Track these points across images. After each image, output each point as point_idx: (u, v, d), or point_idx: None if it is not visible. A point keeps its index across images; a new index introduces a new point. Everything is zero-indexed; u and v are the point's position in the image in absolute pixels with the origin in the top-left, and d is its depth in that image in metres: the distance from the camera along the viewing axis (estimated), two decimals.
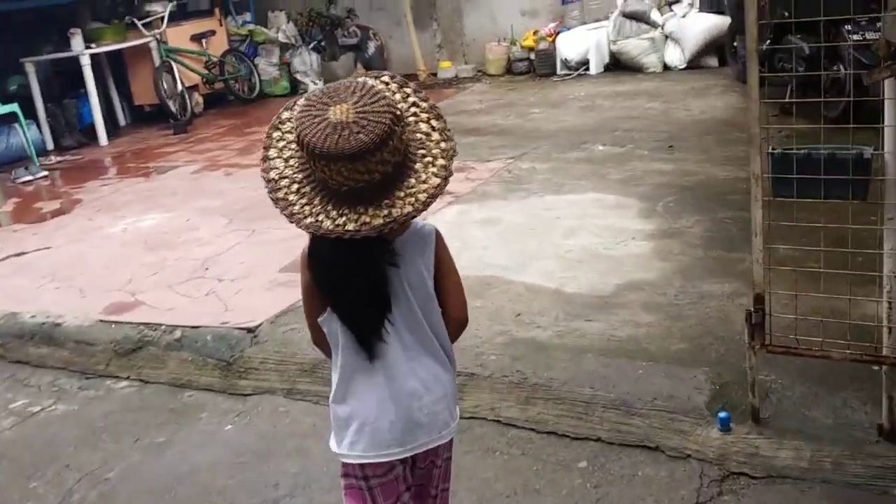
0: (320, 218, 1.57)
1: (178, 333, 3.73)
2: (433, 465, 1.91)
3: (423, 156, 1.62)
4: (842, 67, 5.71)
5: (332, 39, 10.34)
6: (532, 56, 9.44)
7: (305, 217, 1.59)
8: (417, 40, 9.86)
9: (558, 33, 9.26)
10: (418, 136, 1.65)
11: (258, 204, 5.47)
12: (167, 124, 8.86)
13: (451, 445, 1.93)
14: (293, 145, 1.64)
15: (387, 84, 1.69)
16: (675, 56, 8.56)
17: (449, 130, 1.67)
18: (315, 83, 10.19)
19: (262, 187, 1.66)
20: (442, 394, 1.81)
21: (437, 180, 1.61)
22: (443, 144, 1.64)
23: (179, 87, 8.98)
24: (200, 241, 4.96)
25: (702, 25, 8.31)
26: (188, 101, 9.09)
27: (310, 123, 1.54)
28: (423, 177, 1.60)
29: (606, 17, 9.08)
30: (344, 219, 1.56)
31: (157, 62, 9.04)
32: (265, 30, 10.56)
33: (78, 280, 4.56)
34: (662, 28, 8.62)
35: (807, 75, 5.96)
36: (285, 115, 1.71)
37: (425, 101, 1.70)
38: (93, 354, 3.79)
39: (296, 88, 10.46)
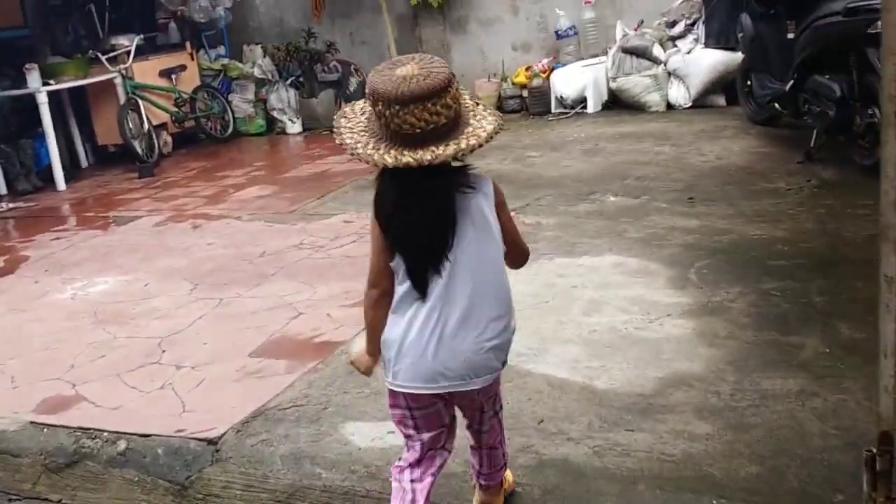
0: (398, 157, 1.83)
1: (122, 444, 3.03)
2: (473, 405, 2.12)
3: (474, 115, 1.95)
4: (877, 111, 5.15)
5: (312, 75, 9.73)
6: (524, 93, 8.87)
7: (385, 156, 1.84)
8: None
9: (553, 69, 8.71)
10: (467, 105, 1.96)
11: (227, 266, 4.80)
12: (133, 166, 8.17)
13: (497, 385, 2.15)
14: (360, 124, 1.94)
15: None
16: (680, 94, 8.02)
17: (479, 104, 2.01)
18: (293, 121, 9.58)
19: (231, 245, 2.22)
20: (495, 338, 1.98)
21: (492, 126, 1.92)
22: (480, 106, 1.99)
23: (146, 126, 8.30)
24: (158, 312, 4.27)
25: (708, 62, 7.78)
26: (156, 141, 8.42)
27: (382, 79, 1.86)
28: (480, 125, 1.92)
29: (604, 53, 8.54)
30: (419, 153, 1.83)
31: (123, 99, 8.38)
32: (240, 64, 9.94)
33: (10, 365, 3.85)
34: (665, 64, 8.09)
35: (836, 119, 5.44)
36: (348, 109, 2.03)
37: (464, 89, 1.98)
38: (19, 469, 3.08)
39: (272, 126, 9.83)
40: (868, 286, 3.93)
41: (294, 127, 9.61)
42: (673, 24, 8.12)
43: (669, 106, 8.09)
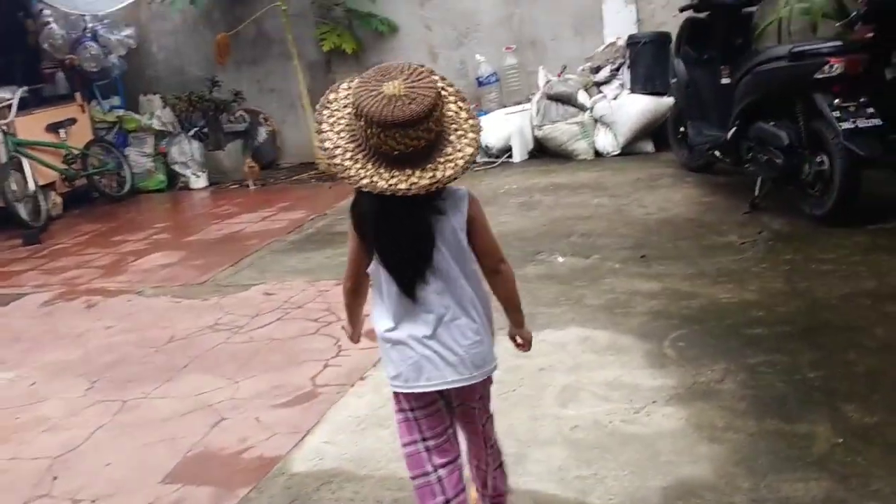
0: (374, 179, 1.84)
1: None
2: (467, 405, 2.17)
3: (455, 129, 1.93)
4: (826, 159, 4.94)
5: (217, 125, 9.08)
6: None
7: (361, 178, 1.85)
8: (315, 125, 8.71)
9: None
10: (449, 113, 1.93)
11: (129, 356, 4.12)
12: (16, 232, 7.31)
13: (486, 388, 2.20)
14: (342, 120, 1.92)
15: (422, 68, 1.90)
16: (608, 142, 7.76)
17: (471, 109, 1.99)
18: (197, 175, 8.88)
19: (133, 328, 2.83)
20: (473, 339, 2.06)
21: (470, 150, 1.92)
22: (470, 121, 1.96)
23: (32, 186, 7.46)
24: (48, 422, 3.55)
25: (636, 108, 7.56)
26: (43, 203, 7.57)
27: (367, 96, 1.82)
28: (458, 146, 1.91)
29: (528, 100, 8.24)
30: (395, 179, 1.84)
31: (4, 158, 7.51)
32: (137, 116, 9.19)
33: None
34: (591, 111, 7.83)
35: (783, 168, 5.20)
36: (332, 95, 1.97)
37: (451, 85, 1.97)
38: None
39: (174, 182, 9.10)
40: (862, 357, 3.62)
41: (198, 182, 8.91)
42: (597, 70, 7.88)
43: (597, 153, 7.81)
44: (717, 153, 5.95)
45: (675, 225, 5.38)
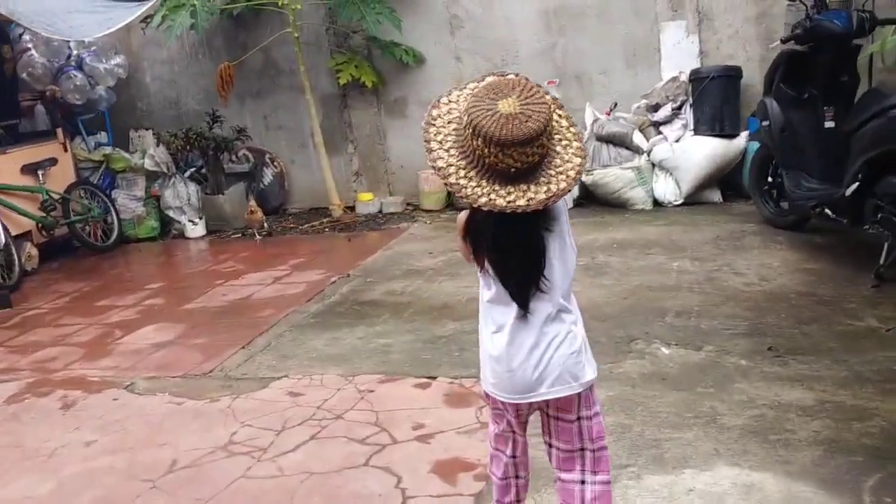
0: (492, 197, 1.85)
1: None
2: (563, 417, 2.12)
3: (560, 139, 1.92)
4: None
5: (217, 166, 8.05)
6: None
7: (479, 197, 1.85)
8: (329, 166, 7.73)
9: None
10: (552, 123, 1.91)
11: (117, 495, 3.05)
12: None
13: (591, 404, 2.14)
14: (450, 137, 1.91)
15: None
16: (668, 190, 6.79)
17: (570, 117, 1.98)
18: (194, 223, 7.85)
19: (121, 445, 2.36)
20: (572, 350, 2.05)
21: (578, 160, 1.92)
22: (572, 129, 1.95)
23: (2, 238, 6.40)
24: None
25: (702, 152, 6.60)
26: (15, 256, 6.50)
27: (483, 115, 1.83)
28: (566, 157, 1.91)
29: None
30: (513, 196, 1.85)
31: None
32: (126, 154, 8.16)
33: None
34: (649, 155, 6.87)
35: None
36: (434, 111, 1.96)
37: (548, 93, 1.92)
38: None
39: (167, 229, 8.06)
40: None
41: (195, 229, 7.87)
42: (656, 108, 6.93)
43: (656, 203, 6.85)
44: (826, 210, 4.97)
45: (789, 301, 4.39)
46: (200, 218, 7.92)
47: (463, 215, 2.05)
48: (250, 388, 3.97)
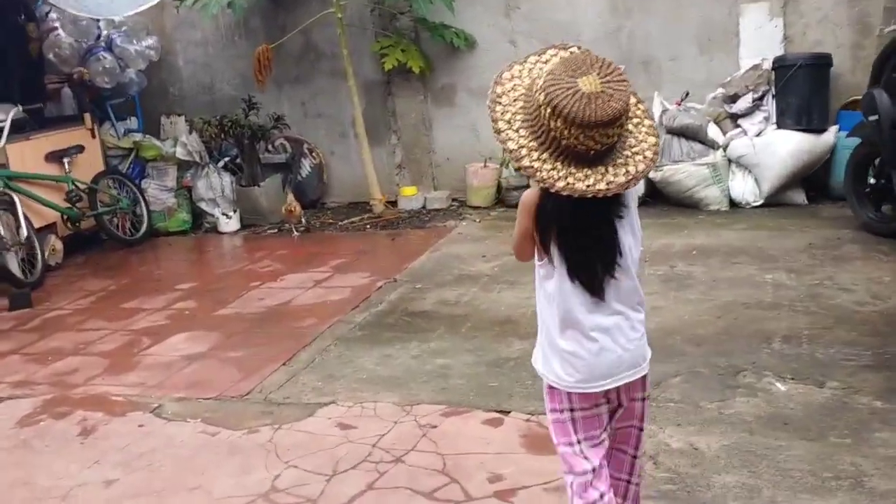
0: (570, 181, 1.73)
1: None
2: (633, 400, 2.03)
3: (631, 117, 1.80)
4: None
5: (253, 156, 7.54)
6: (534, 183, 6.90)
7: (556, 181, 1.73)
8: (371, 158, 7.20)
9: None
10: None
11: None
12: (2, 288, 5.78)
13: (647, 385, 2.06)
14: (518, 116, 1.79)
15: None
16: (747, 189, 6.17)
17: (637, 93, 1.84)
18: (228, 216, 7.37)
19: (146, 487, 2.20)
20: (641, 333, 1.99)
21: (653, 139, 1.82)
22: (641, 106, 1.84)
23: (25, 231, 5.94)
24: None
25: (786, 148, 5.97)
26: (38, 251, 6.05)
27: (564, 95, 1.70)
28: (640, 137, 1.81)
29: None
30: (592, 179, 1.74)
31: None
32: (157, 142, 7.68)
33: None
34: (725, 150, 6.25)
35: None
36: (499, 88, 1.84)
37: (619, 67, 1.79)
38: None
39: (199, 222, 7.59)
40: None
41: (229, 224, 7.37)
42: (734, 99, 6.30)
43: (732, 203, 6.23)
44: None
45: None
46: (235, 211, 7.42)
47: (532, 196, 1.90)
48: (294, 417, 3.45)
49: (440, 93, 7.36)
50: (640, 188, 6.53)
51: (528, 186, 7.11)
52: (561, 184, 1.73)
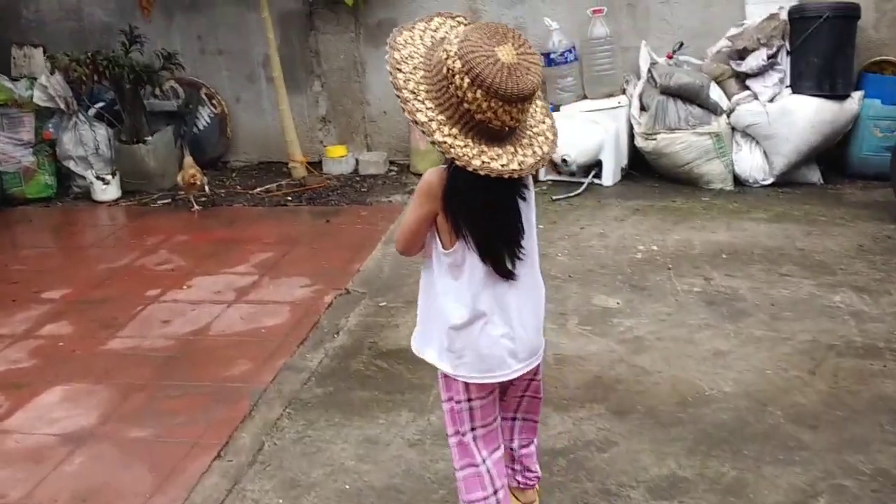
0: (484, 159, 1.64)
1: None
2: (523, 379, 2.04)
3: None
4: None
5: (136, 104, 5.95)
6: None
7: (472, 159, 1.63)
8: (289, 109, 5.79)
9: None
10: None
11: None
12: None
13: (539, 369, 2.07)
14: (422, 87, 1.66)
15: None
16: (754, 164, 5.20)
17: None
18: (104, 180, 5.84)
19: None
20: (540, 319, 1.99)
21: (549, 120, 1.78)
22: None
23: None
24: None
25: (806, 116, 5.01)
26: None
27: (486, 64, 1.59)
28: (538, 117, 1.76)
29: (622, 91, 5.56)
30: (505, 159, 1.67)
31: None
32: (7, 82, 5.96)
33: None
34: (729, 116, 5.23)
35: None
36: (396, 54, 1.70)
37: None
38: None
39: (66, 187, 6.01)
40: None
41: (107, 191, 5.82)
42: (742, 55, 5.25)
43: (736, 181, 5.25)
44: None
45: None
46: (113, 174, 5.85)
47: (437, 176, 1.79)
48: None
49: (376, 29, 5.96)
50: (623, 159, 5.48)
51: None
52: (477, 162, 1.64)
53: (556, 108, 5.55)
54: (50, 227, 5.48)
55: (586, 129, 5.37)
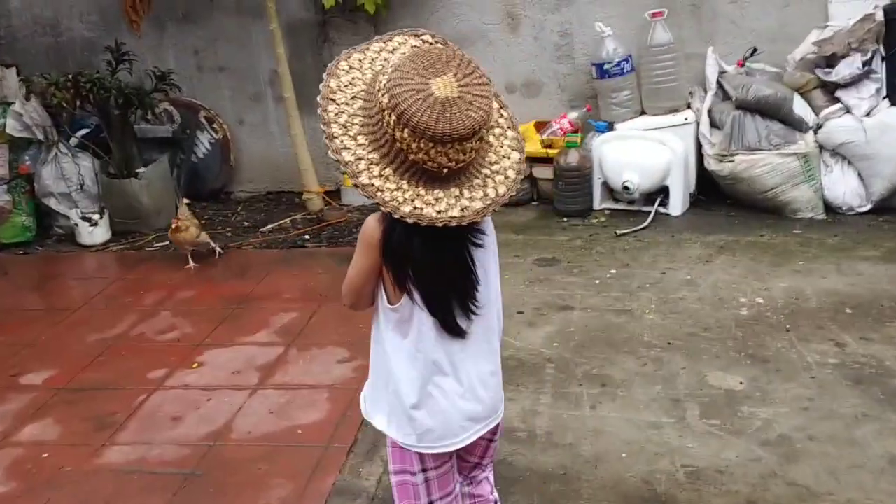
0: (417, 205, 1.45)
1: None
2: (482, 439, 1.81)
3: (493, 127, 1.53)
4: None
5: (126, 131, 5.18)
6: (539, 172, 4.99)
7: (401, 205, 1.45)
8: (303, 132, 5.05)
9: (579, 131, 4.94)
10: None
11: None
12: None
13: (498, 429, 1.87)
14: (356, 119, 1.48)
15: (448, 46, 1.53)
16: (849, 189, 4.50)
17: (500, 95, 1.58)
18: (91, 221, 5.08)
19: None
20: (497, 376, 1.78)
21: (517, 154, 1.56)
22: (505, 112, 1.58)
23: None
24: None
25: None
26: None
27: (413, 100, 1.39)
28: (502, 151, 1.55)
29: (688, 106, 4.85)
30: (444, 204, 1.46)
31: None
32: None
33: None
34: (816, 133, 4.52)
35: None
36: (333, 83, 1.50)
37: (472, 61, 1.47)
38: None
39: (46, 227, 5.26)
40: None
41: (94, 233, 5.07)
42: (831, 62, 4.54)
43: (827, 208, 4.55)
44: None
45: None
46: (101, 213, 5.09)
47: (374, 225, 1.58)
48: None
49: None
50: (691, 184, 4.78)
51: (530, 178, 5.20)
52: (407, 208, 1.44)
53: (611, 126, 4.85)
54: (29, 282, 4.69)
55: (650, 150, 4.66)
